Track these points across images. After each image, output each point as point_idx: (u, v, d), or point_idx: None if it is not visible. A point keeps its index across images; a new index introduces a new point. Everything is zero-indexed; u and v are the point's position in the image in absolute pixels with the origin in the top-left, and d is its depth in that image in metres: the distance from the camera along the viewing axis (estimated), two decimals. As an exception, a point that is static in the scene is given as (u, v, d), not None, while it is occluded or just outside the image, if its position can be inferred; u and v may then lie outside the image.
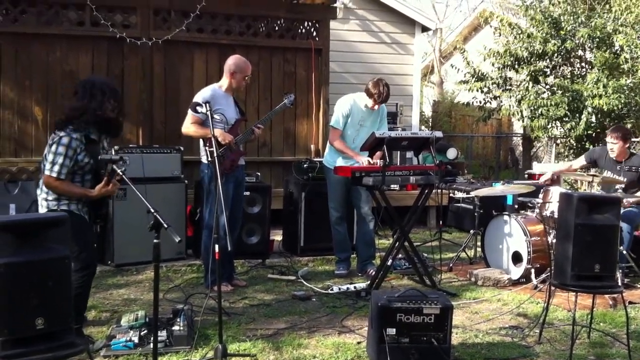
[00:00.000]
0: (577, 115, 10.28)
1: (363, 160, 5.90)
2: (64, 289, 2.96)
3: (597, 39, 10.19)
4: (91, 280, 4.39)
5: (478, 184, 9.24)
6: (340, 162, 6.12)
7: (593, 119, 10.14)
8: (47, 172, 4.07)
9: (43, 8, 7.28)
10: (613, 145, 6.33)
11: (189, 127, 5.54)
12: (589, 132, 10.35)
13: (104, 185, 4.11)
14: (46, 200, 4.17)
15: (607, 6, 10.64)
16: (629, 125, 10.33)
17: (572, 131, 10.41)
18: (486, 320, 5.02)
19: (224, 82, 5.68)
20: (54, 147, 4.06)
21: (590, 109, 9.98)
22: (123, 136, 7.26)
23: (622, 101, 9.66)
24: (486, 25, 13.08)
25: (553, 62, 10.99)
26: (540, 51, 10.50)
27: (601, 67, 9.88)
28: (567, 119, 10.39)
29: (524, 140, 15.03)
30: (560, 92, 10.43)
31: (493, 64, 11.12)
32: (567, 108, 10.14)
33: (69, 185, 4.12)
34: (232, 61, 5.65)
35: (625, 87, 9.68)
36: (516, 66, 10.91)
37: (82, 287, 4.22)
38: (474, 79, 11.46)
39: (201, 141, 5.59)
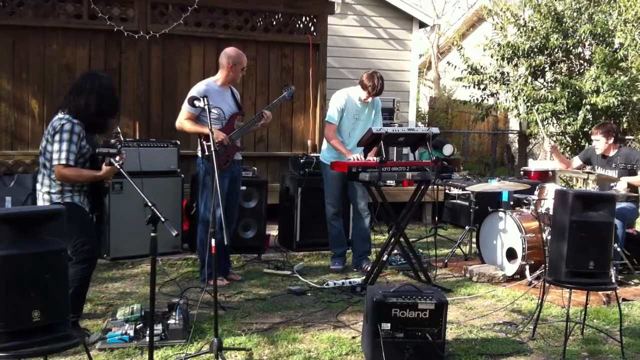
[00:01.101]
0: (576, 111, 10.30)
1: (354, 157, 5.90)
2: (60, 281, 2.97)
3: (598, 36, 10.20)
4: (92, 272, 4.40)
5: (474, 180, 9.26)
6: (336, 157, 6.13)
7: (590, 116, 10.17)
8: (55, 162, 4.06)
9: (40, 0, 7.26)
10: (596, 142, 6.44)
11: (182, 122, 5.54)
12: (585, 129, 10.38)
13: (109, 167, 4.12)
14: (49, 193, 4.16)
15: (612, 2, 10.63)
16: (625, 123, 10.36)
17: (569, 127, 10.43)
18: (480, 316, 5.05)
19: (220, 76, 5.67)
20: (57, 136, 4.06)
21: (588, 106, 10.00)
22: (120, 129, 7.26)
23: (620, 99, 9.68)
24: (488, 17, 13.10)
25: (552, 58, 11.00)
26: (541, 45, 10.51)
27: (600, 63, 9.89)
28: (563, 115, 10.40)
29: (519, 137, 15.06)
30: (559, 87, 10.45)
31: (492, 56, 11.12)
32: (566, 104, 10.15)
33: (78, 170, 4.13)
34: (227, 54, 5.63)
35: (622, 86, 9.69)
36: (515, 60, 10.92)
37: (85, 278, 4.24)
38: (470, 74, 11.48)
39: (198, 135, 5.58)
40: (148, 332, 3.57)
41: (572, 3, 10.76)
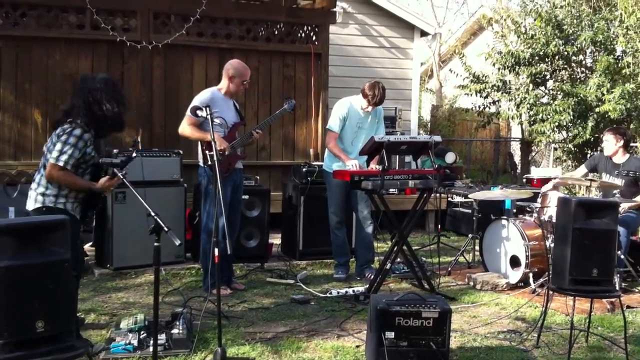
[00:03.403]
0: (583, 121, 10.27)
1: (353, 163, 5.91)
2: (64, 291, 2.97)
3: (599, 43, 10.20)
4: (79, 281, 4.37)
5: (476, 188, 9.26)
6: (338, 166, 6.13)
7: (595, 124, 10.15)
8: (52, 161, 3.98)
9: (43, 11, 7.30)
10: (605, 143, 6.41)
11: (185, 128, 5.54)
12: (588, 137, 10.37)
13: (108, 179, 4.08)
14: (43, 195, 4.07)
15: (613, 9, 10.63)
16: (632, 131, 10.33)
17: (577, 138, 10.39)
18: (484, 324, 5.03)
19: (223, 85, 5.70)
20: (64, 137, 3.99)
21: (595, 115, 9.98)
22: (122, 139, 7.30)
23: (627, 106, 9.68)
24: (489, 26, 13.13)
25: (553, 66, 11.01)
26: (541, 53, 10.52)
27: (603, 71, 9.88)
28: (571, 125, 10.37)
29: (522, 145, 15.06)
30: (561, 96, 10.44)
31: (494, 64, 11.15)
32: (571, 114, 10.12)
33: (73, 177, 4.04)
34: (231, 65, 5.68)
35: (627, 93, 9.68)
36: (516, 68, 10.94)
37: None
38: (472, 83, 11.50)
39: (199, 144, 5.61)
40: (152, 342, 3.57)
41: (571, 10, 10.77)
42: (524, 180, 9.13)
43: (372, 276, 5.96)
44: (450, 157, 10.12)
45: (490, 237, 6.55)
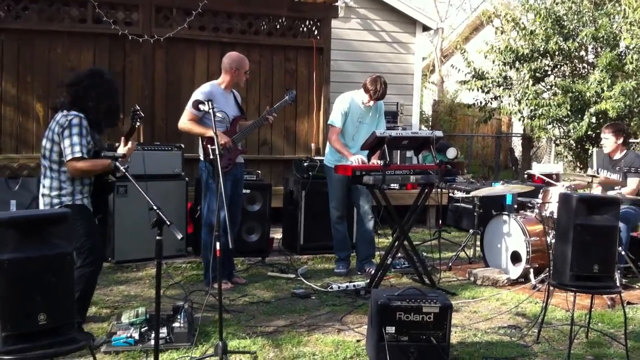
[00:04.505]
0: (580, 116, 10.27)
1: (355, 159, 5.90)
2: (66, 284, 2.97)
3: (602, 39, 10.17)
4: (98, 275, 4.39)
5: (478, 183, 9.26)
6: (340, 160, 6.13)
7: (593, 119, 10.15)
8: (69, 158, 3.99)
9: (45, 5, 7.31)
10: (605, 141, 6.40)
11: (185, 123, 5.54)
12: (589, 132, 10.36)
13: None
14: (60, 196, 4.09)
15: (616, 4, 10.59)
16: (632, 127, 10.32)
17: (574, 132, 10.40)
18: (485, 320, 5.04)
19: (223, 79, 5.69)
20: (66, 132, 4.01)
21: (592, 111, 9.98)
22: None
23: (627, 103, 9.66)
24: (489, 22, 13.10)
25: (554, 61, 11.00)
26: (542, 49, 10.51)
27: (605, 68, 9.86)
28: (568, 119, 10.38)
29: (523, 140, 15.06)
30: (561, 92, 10.43)
31: (494, 61, 11.13)
32: (569, 109, 10.13)
33: (94, 160, 4.09)
34: (229, 58, 5.66)
35: (628, 90, 9.66)
36: (517, 64, 10.93)
37: (92, 280, 4.22)
38: (474, 79, 11.48)
39: (199, 138, 5.60)
40: (153, 335, 3.57)
41: (572, 6, 10.75)
42: (525, 175, 9.12)
43: (373, 271, 5.97)
44: (451, 153, 10.05)
45: (491, 233, 6.55)
